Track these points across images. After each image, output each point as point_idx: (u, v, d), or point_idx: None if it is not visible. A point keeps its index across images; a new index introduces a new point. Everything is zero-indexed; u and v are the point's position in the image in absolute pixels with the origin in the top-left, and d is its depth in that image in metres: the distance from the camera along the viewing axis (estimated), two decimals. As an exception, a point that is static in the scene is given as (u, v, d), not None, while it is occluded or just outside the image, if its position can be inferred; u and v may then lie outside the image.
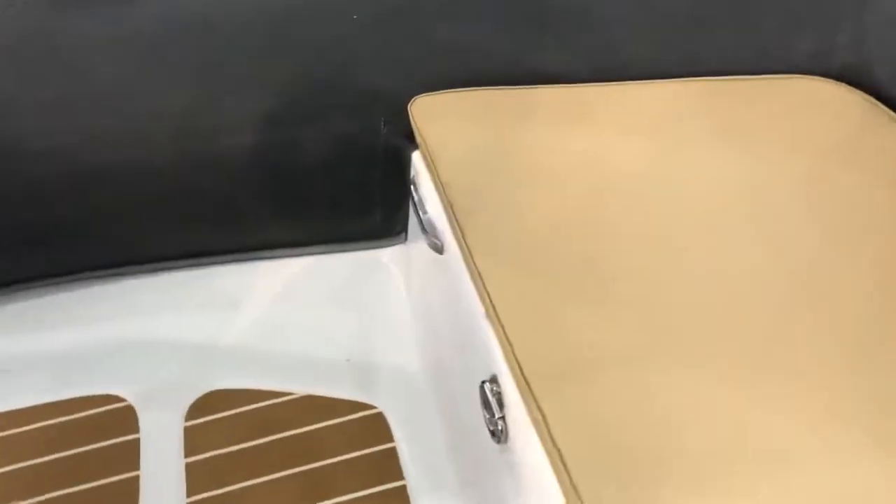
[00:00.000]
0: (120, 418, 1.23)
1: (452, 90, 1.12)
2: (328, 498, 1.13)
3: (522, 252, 0.92)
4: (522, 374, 0.81)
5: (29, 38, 1.03)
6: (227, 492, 1.14)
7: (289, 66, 1.10)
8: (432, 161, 1.03)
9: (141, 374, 1.25)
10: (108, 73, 1.06)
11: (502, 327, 0.85)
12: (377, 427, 1.22)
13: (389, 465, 1.18)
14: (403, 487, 1.16)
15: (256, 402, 1.25)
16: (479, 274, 0.90)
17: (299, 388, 1.26)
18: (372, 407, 1.24)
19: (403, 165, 1.17)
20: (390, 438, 1.21)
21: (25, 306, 1.24)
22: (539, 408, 0.78)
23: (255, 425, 1.22)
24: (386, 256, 1.30)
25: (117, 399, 1.25)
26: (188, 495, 1.13)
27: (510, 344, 0.83)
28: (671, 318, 0.85)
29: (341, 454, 1.19)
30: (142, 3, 1.02)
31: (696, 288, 0.89)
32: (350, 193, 1.23)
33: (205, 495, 1.13)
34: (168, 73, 1.08)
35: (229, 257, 1.27)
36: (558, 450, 0.74)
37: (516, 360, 0.82)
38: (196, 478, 1.16)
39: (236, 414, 1.24)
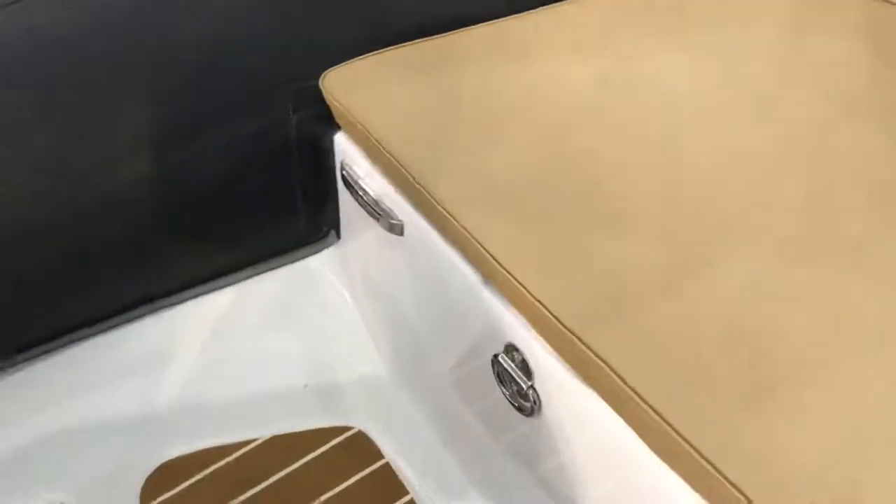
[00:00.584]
0: (64, 525, 1.04)
1: (366, 55, 1.01)
2: (336, 537, 1.01)
3: (508, 201, 0.83)
4: (562, 324, 0.71)
5: None
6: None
7: (168, 71, 0.95)
8: (368, 135, 0.92)
9: (75, 467, 1.06)
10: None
11: (519, 283, 0.75)
12: (361, 447, 1.10)
13: (389, 482, 1.06)
14: (412, 501, 1.05)
15: (219, 461, 1.09)
16: (471, 236, 0.80)
17: (261, 431, 1.11)
18: (349, 428, 1.11)
19: (322, 153, 1.05)
20: (379, 455, 1.09)
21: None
22: (596, 354, 0.69)
23: (227, 485, 1.07)
24: (318, 262, 1.17)
25: (54, 505, 1.06)
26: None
27: (534, 297, 0.74)
28: (697, 224, 0.79)
29: (333, 487, 1.06)
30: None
31: (710, 185, 0.83)
32: (266, 201, 1.09)
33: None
34: (26, 106, 0.90)
35: (143, 309, 1.10)
36: (637, 394, 0.66)
37: (549, 312, 0.73)
38: (175, 564, 1.00)
39: (200, 480, 1.08)
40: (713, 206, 0.80)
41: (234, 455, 1.09)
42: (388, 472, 1.07)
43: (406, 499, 1.05)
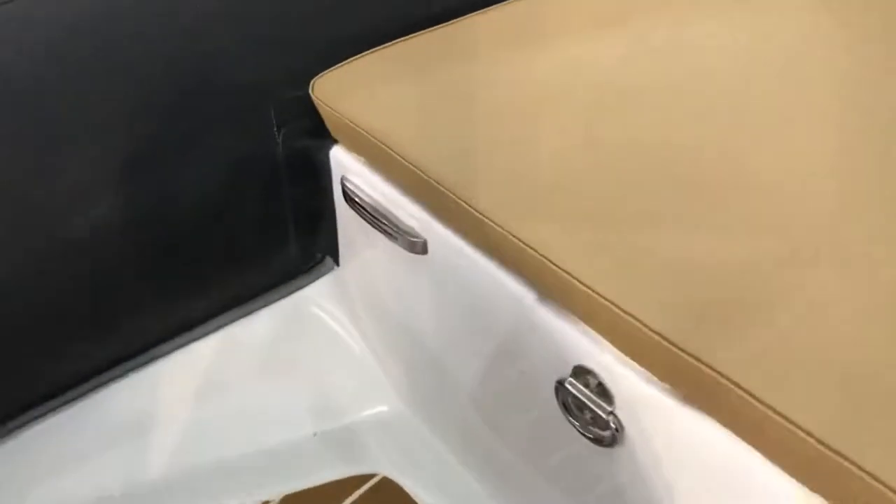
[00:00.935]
0: None
1: (359, 56, 0.88)
2: None
3: (558, 202, 0.72)
4: (669, 341, 0.60)
5: None
6: None
7: (136, 91, 0.81)
8: (377, 142, 0.79)
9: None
10: None
11: (602, 297, 0.64)
12: (389, 494, 0.98)
13: (427, 531, 0.95)
14: (457, 550, 0.93)
15: (230, 531, 0.96)
16: (528, 246, 0.68)
17: (273, 490, 0.98)
18: (371, 475, 0.99)
19: (314, 171, 0.92)
20: (411, 501, 0.97)
21: None
22: (712, 368, 0.58)
23: (243, 559, 0.94)
24: (314, 293, 1.04)
25: None
26: None
27: (625, 312, 0.63)
28: (786, 211, 0.69)
29: (365, 545, 0.94)
30: None
31: (775, 164, 0.74)
32: (252, 232, 0.96)
33: None
34: None
35: (120, 369, 0.95)
36: (782, 414, 0.55)
37: (642, 323, 0.62)
38: None
39: (211, 557, 0.94)
40: (795, 192, 0.71)
41: (246, 522, 0.96)
42: (424, 519, 0.96)
43: (450, 547, 0.93)
